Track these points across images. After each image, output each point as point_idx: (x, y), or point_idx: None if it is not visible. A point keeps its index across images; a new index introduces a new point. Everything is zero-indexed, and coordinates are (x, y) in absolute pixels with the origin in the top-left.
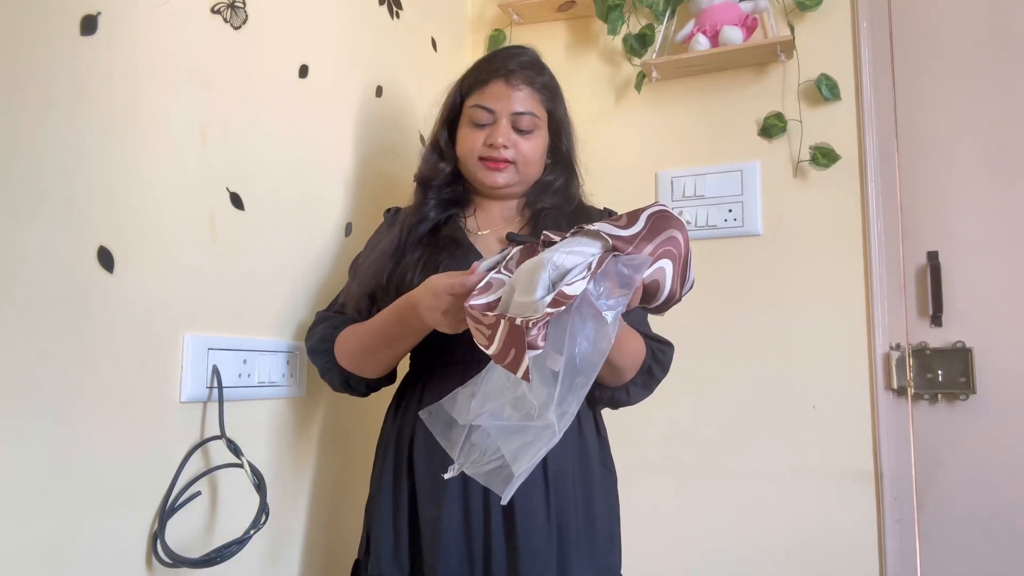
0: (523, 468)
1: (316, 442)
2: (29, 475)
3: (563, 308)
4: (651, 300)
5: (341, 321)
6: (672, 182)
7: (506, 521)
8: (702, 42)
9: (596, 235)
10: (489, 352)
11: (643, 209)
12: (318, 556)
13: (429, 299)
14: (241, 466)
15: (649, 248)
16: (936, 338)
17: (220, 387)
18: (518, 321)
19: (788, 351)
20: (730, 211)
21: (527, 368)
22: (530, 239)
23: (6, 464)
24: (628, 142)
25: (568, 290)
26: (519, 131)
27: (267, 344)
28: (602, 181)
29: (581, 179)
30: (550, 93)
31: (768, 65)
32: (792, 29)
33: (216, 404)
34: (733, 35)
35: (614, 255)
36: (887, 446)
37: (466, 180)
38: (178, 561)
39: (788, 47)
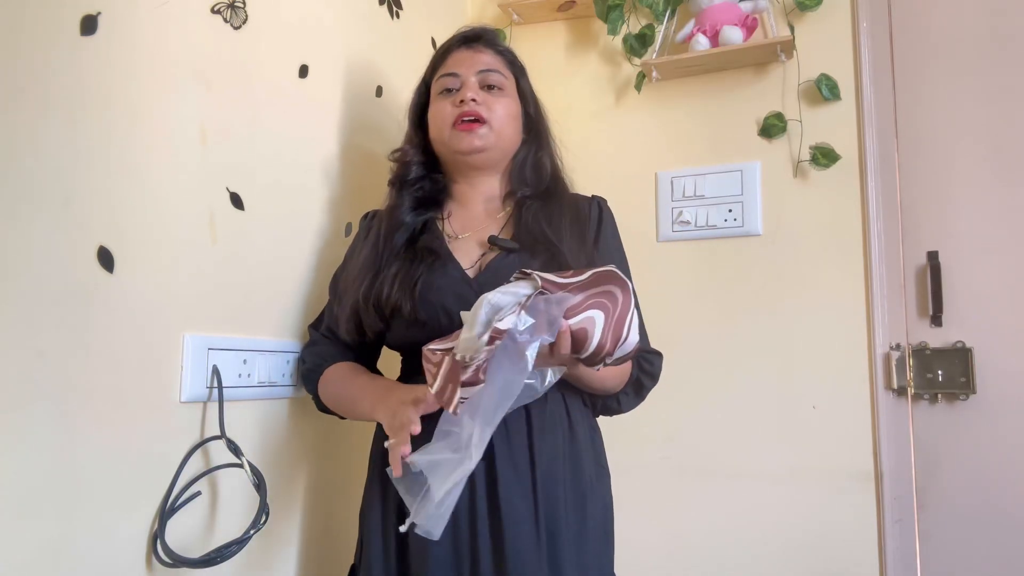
0: (440, 496)
1: (316, 442)
2: (29, 475)
3: (497, 343)
4: (579, 349)
5: (331, 354)
6: (672, 182)
7: (493, 530)
8: (702, 42)
9: (531, 278)
10: (433, 390)
11: (595, 267)
12: (318, 556)
13: (389, 409)
14: (241, 466)
15: (579, 296)
16: (936, 338)
17: (220, 387)
18: (458, 357)
19: (788, 351)
20: (730, 211)
21: (456, 404)
22: (511, 244)
23: (6, 464)
24: (628, 142)
25: (500, 325)
26: (489, 88)
27: (267, 344)
28: (602, 181)
29: (557, 151)
30: (512, 61)
31: (768, 65)
32: (792, 29)
33: (216, 404)
34: (733, 35)
35: (540, 293)
36: (887, 446)
37: (441, 170)
38: (178, 561)
39: (788, 47)
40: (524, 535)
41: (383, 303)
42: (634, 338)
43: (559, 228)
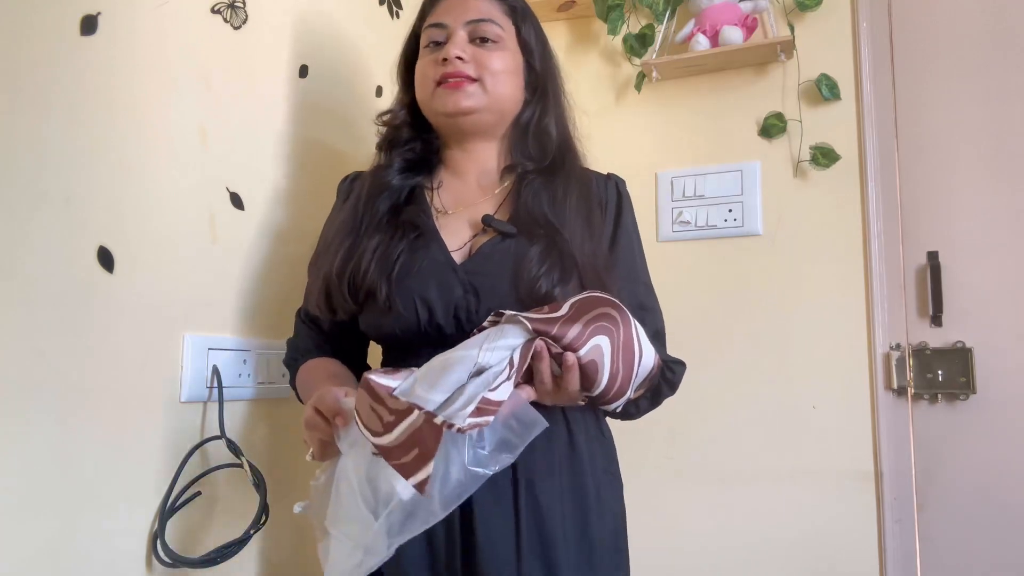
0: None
1: None
2: (29, 475)
3: (490, 418)
4: (590, 386)
5: (306, 348)
6: (672, 182)
7: (466, 551)
8: (702, 42)
9: (517, 322)
10: (378, 442)
11: (568, 298)
12: (318, 556)
13: (307, 409)
14: (241, 466)
15: (575, 328)
16: (936, 338)
17: (220, 387)
18: (439, 419)
19: (788, 351)
20: (730, 211)
21: (426, 479)
22: (508, 227)
23: (6, 464)
24: (628, 142)
25: (493, 396)
26: (481, 41)
27: (267, 344)
28: None
29: (568, 114)
30: (516, 8)
31: (768, 65)
32: (792, 29)
33: (216, 404)
34: (733, 35)
35: (539, 338)
36: (887, 446)
37: (432, 134)
38: (178, 561)
39: (788, 47)
40: (501, 557)
41: (358, 282)
42: (649, 355)
43: (563, 209)
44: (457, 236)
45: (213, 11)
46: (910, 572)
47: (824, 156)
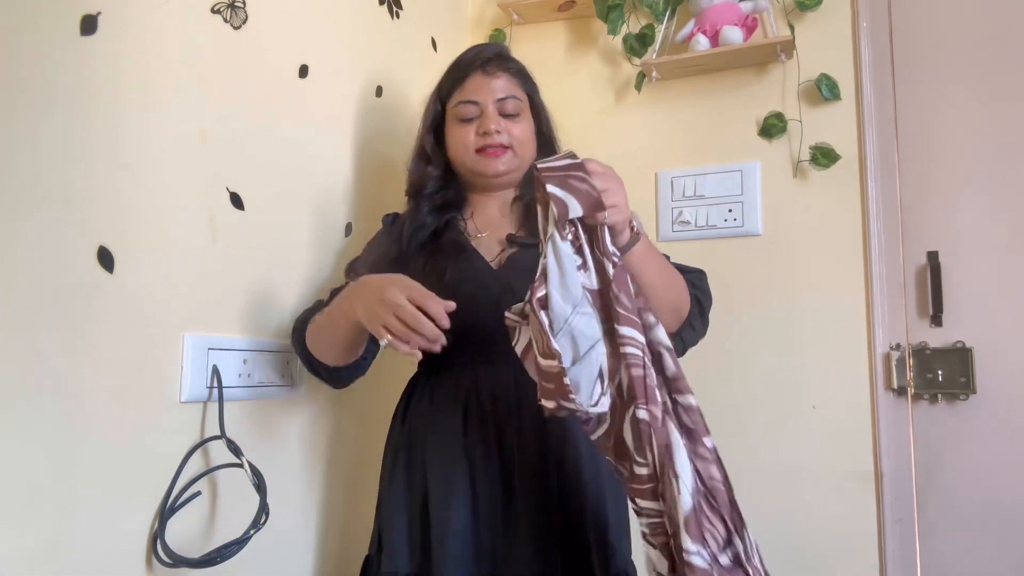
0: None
1: (316, 442)
2: (29, 475)
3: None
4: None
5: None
6: (672, 182)
7: (511, 522)
8: (702, 42)
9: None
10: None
11: None
12: (318, 555)
13: (384, 285)
14: (241, 466)
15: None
16: (936, 338)
17: (220, 387)
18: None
19: (788, 351)
20: (730, 211)
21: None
22: (530, 241)
23: (6, 464)
24: (628, 142)
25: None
26: (507, 116)
27: (267, 344)
28: None
29: (559, 147)
30: (525, 78)
31: (768, 65)
32: (792, 29)
33: (216, 404)
34: (733, 35)
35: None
36: (887, 446)
37: (459, 181)
38: (178, 561)
39: (788, 47)
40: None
41: None
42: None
43: None
44: (490, 251)
45: (213, 11)
46: (910, 572)
47: (824, 156)
